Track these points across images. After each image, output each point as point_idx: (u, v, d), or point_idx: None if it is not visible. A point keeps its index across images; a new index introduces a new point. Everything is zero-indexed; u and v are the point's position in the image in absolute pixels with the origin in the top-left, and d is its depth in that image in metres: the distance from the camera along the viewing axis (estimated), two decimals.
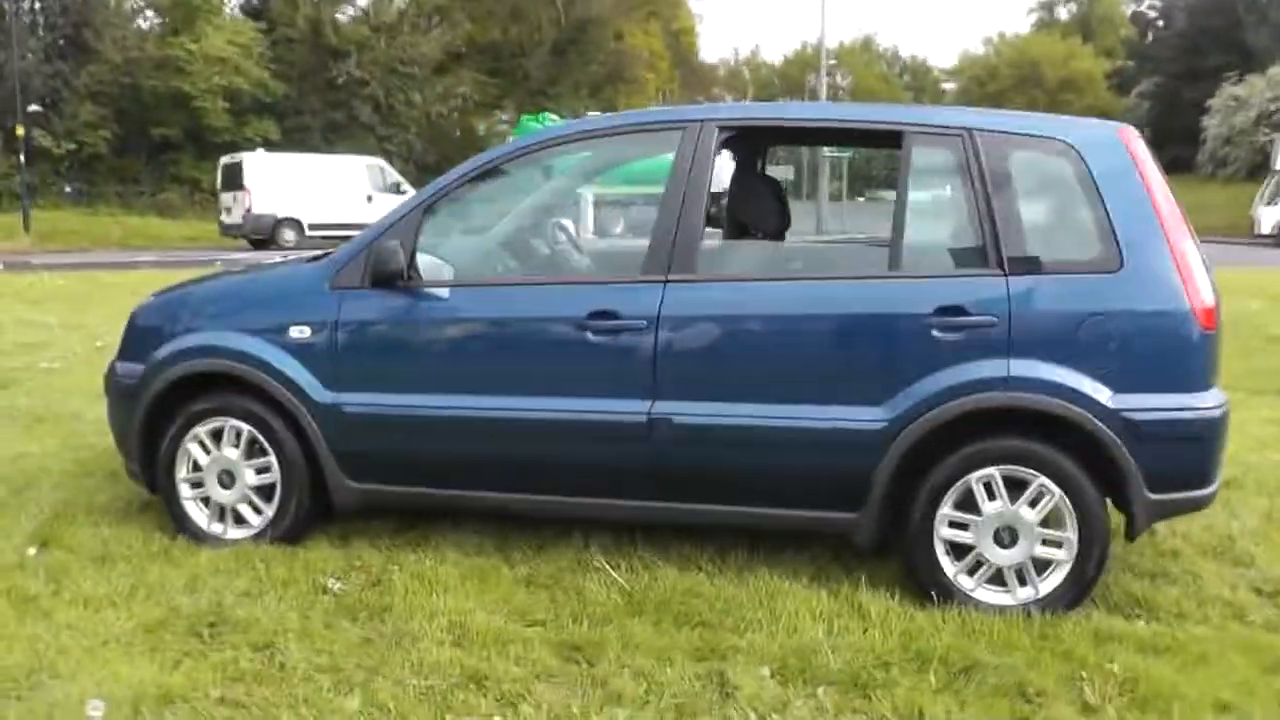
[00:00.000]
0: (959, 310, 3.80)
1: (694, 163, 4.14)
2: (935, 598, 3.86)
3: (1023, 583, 3.84)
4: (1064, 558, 3.80)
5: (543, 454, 4.20)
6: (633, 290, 4.09)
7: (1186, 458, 3.79)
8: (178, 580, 4.03)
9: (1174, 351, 3.76)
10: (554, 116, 32.10)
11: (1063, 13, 74.62)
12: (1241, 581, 4.16)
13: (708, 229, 4.22)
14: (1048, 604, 3.78)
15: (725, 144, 4.32)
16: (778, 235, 5.16)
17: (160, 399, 4.43)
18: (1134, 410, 3.69)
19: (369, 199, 29.55)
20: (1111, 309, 3.74)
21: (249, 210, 27.68)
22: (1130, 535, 3.87)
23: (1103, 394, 3.69)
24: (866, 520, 3.93)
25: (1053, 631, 3.64)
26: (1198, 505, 3.90)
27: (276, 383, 4.29)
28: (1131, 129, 3.99)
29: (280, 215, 27.91)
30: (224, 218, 28.80)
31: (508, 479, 4.28)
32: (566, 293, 4.34)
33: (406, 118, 42.16)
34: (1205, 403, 3.77)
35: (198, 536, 4.44)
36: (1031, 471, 3.78)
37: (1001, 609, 3.79)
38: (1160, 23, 65.79)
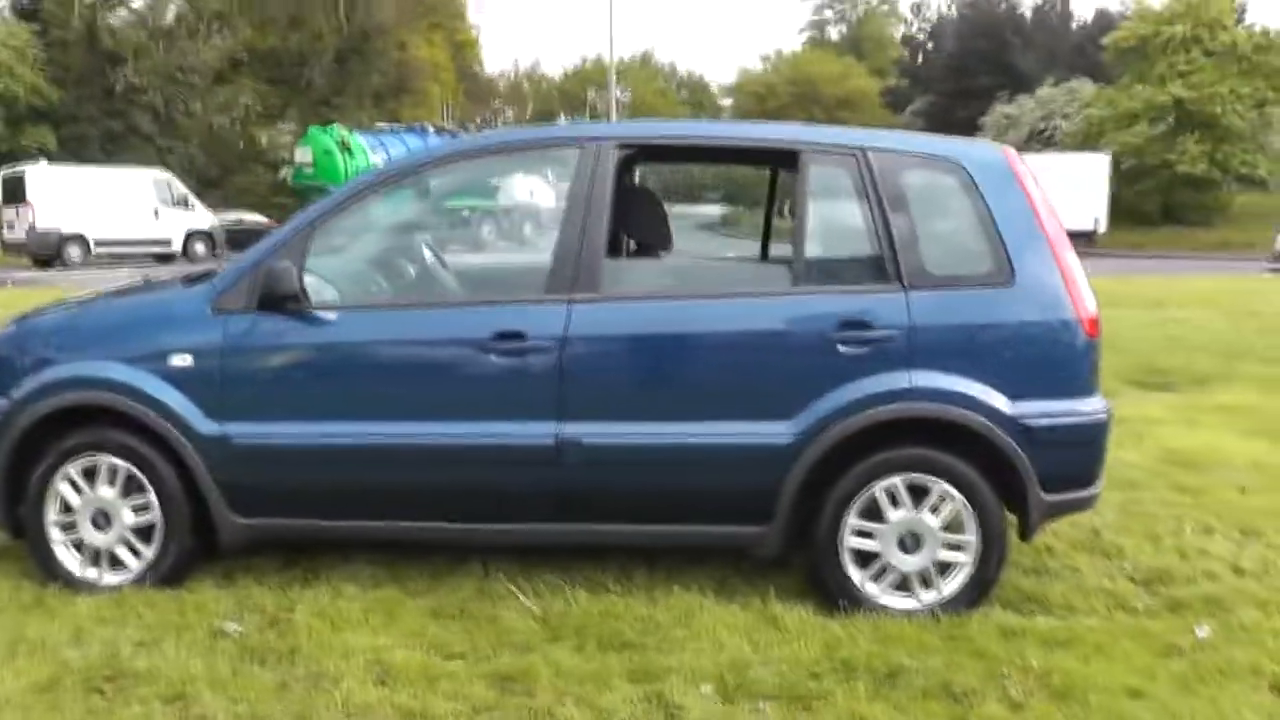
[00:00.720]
0: (862, 325, 3.92)
1: (593, 181, 4.13)
2: (843, 606, 3.96)
3: (926, 586, 3.99)
4: (966, 560, 3.97)
5: (446, 481, 4.09)
6: (538, 310, 4.04)
7: (1077, 459, 4.03)
8: (60, 633, 3.71)
9: (1064, 359, 4.00)
10: (343, 129, 31.31)
11: (833, 33, 77.86)
12: (1117, 572, 4.45)
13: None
14: (951, 605, 3.94)
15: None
16: (661, 251, 5.17)
17: (28, 435, 4.08)
18: (1029, 416, 3.89)
19: (156, 214, 28.13)
20: (1005, 320, 3.95)
21: (32, 226, 25.68)
22: (1025, 535, 4.07)
23: (1000, 401, 3.88)
24: (774, 533, 3.99)
25: (961, 631, 3.80)
26: (1086, 504, 4.15)
27: (156, 414, 4.01)
28: (1012, 149, 4.21)
29: (65, 231, 26.01)
30: (4, 233, 26.62)
31: (409, 508, 4.13)
32: (469, 314, 4.24)
33: (187, 128, 40.35)
34: (1093, 407, 4.01)
35: (70, 583, 4.10)
36: (933, 478, 3.93)
37: (908, 613, 3.92)
38: (929, 45, 69.46)
